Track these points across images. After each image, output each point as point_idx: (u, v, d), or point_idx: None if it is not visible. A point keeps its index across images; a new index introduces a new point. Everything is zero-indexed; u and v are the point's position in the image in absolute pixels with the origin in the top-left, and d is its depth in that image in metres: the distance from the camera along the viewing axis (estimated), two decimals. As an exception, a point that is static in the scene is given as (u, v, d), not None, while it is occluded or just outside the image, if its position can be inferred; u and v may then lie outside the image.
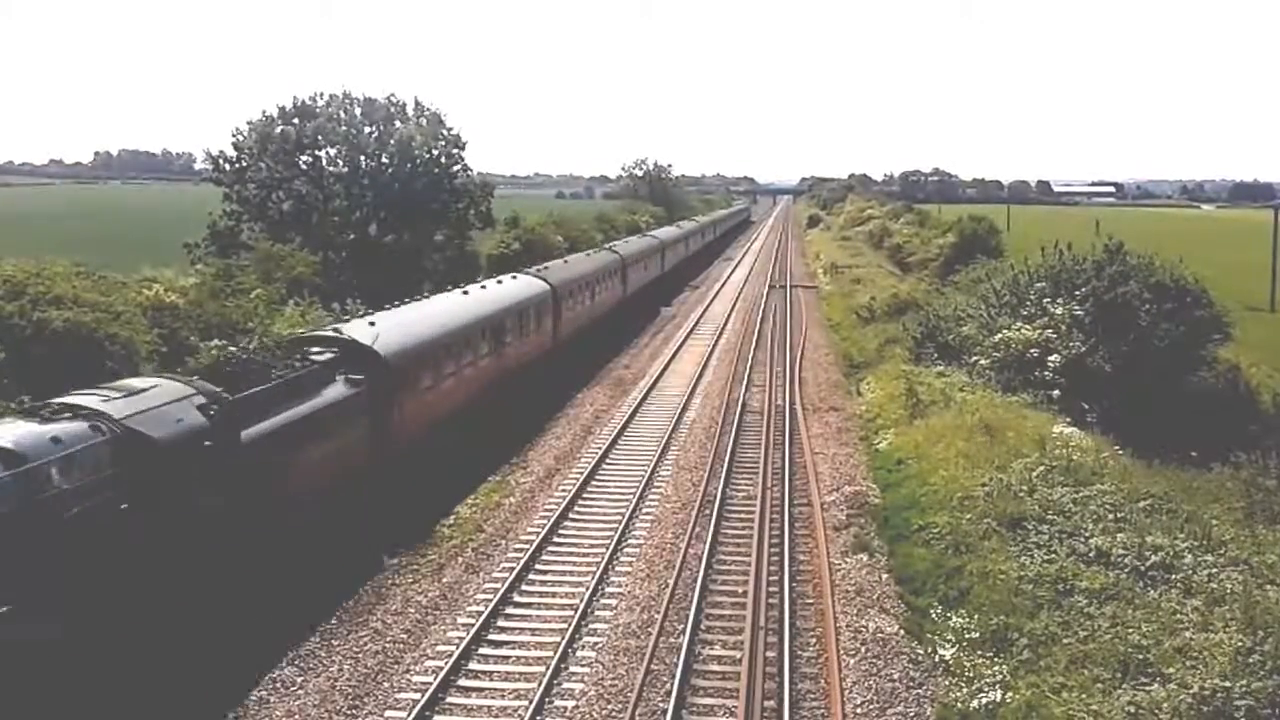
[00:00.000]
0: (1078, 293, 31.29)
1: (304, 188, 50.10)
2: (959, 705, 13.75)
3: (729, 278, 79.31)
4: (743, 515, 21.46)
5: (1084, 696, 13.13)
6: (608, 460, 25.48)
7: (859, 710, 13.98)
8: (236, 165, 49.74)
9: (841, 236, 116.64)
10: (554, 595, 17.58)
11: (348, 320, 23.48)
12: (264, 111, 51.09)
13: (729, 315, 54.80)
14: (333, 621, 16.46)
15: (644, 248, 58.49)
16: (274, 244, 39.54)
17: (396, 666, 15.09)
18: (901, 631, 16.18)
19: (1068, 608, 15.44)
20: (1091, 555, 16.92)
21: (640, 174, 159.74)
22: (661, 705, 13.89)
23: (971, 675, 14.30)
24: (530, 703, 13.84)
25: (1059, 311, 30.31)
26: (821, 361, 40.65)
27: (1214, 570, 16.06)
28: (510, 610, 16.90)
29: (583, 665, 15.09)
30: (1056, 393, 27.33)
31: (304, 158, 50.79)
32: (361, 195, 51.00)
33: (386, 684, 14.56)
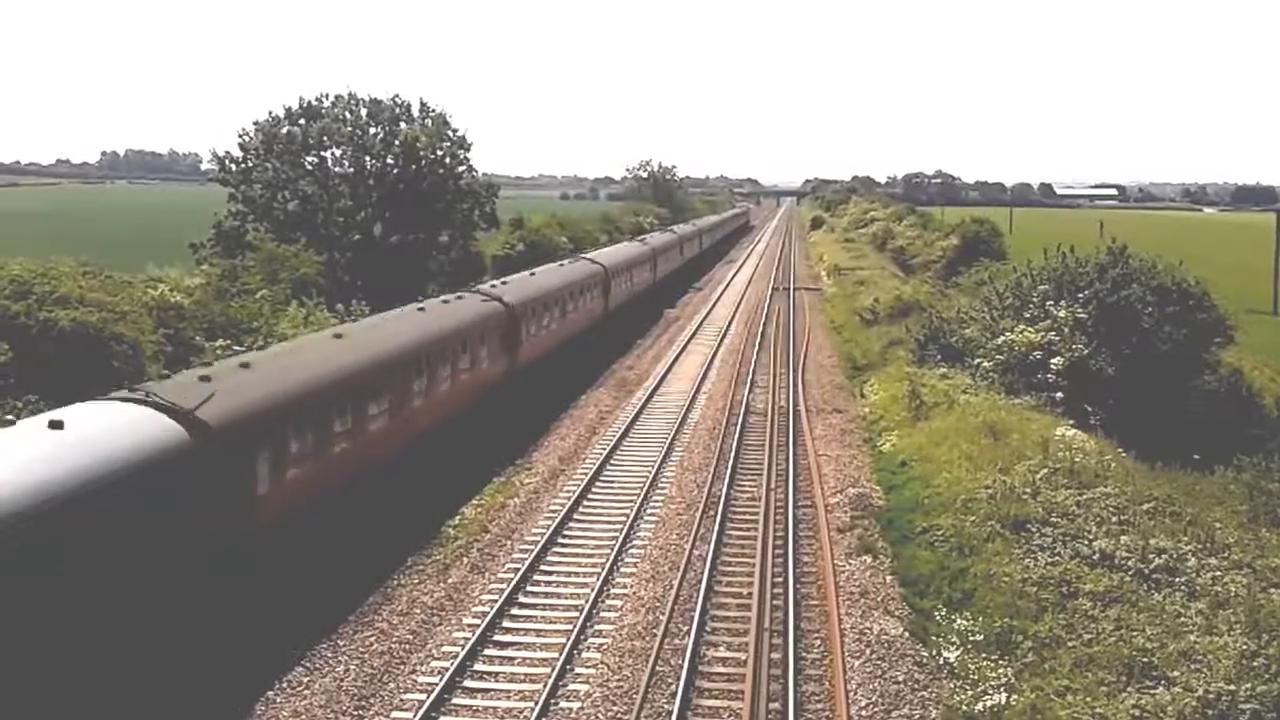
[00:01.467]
0: (1080, 295, 31.33)
1: (309, 188, 50.32)
2: (964, 708, 13.77)
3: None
4: (747, 517, 21.49)
5: (1089, 699, 13.17)
6: (612, 461, 25.51)
7: (864, 712, 14.01)
8: (242, 165, 49.98)
9: (845, 238, 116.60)
10: (559, 596, 17.62)
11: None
12: (270, 112, 51.40)
13: (732, 318, 54.80)
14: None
15: (564, 283, 35.89)
16: (279, 244, 39.67)
17: (402, 667, 15.12)
18: (906, 634, 16.21)
19: (1072, 610, 15.49)
20: (1095, 558, 16.98)
21: (644, 175, 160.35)
22: (667, 707, 13.92)
23: (976, 678, 14.32)
24: (536, 704, 13.86)
25: (1062, 314, 30.34)
26: (825, 363, 40.67)
27: (1218, 573, 16.13)
28: (515, 611, 16.94)
29: (588, 667, 15.12)
30: (1059, 395, 27.37)
31: (310, 158, 51.03)
32: (367, 196, 51.20)
33: (392, 684, 14.60)
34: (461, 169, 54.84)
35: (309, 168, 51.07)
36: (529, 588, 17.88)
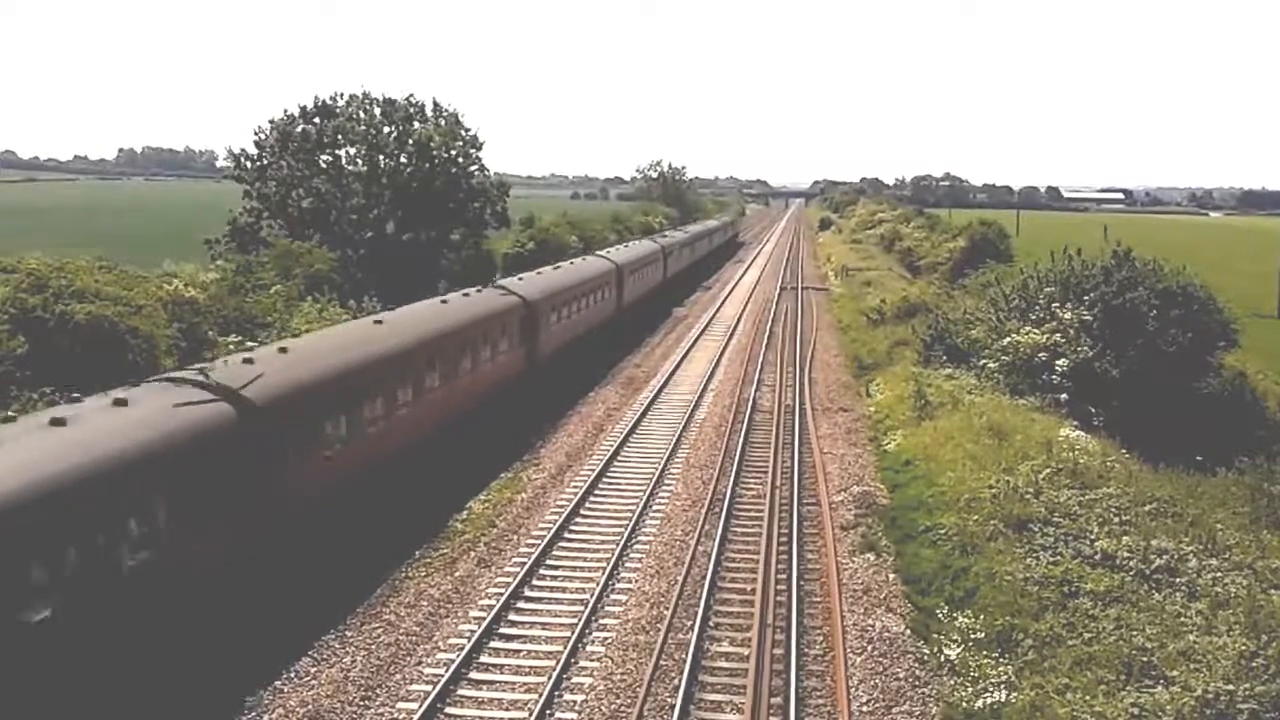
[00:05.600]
0: (1086, 298, 31.42)
1: (323, 186, 50.67)
2: (964, 705, 13.91)
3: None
4: (752, 514, 21.66)
5: (1088, 698, 13.27)
6: (619, 458, 25.69)
7: (865, 708, 14.16)
8: (258, 163, 50.37)
9: (853, 239, 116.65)
10: (565, 590, 17.81)
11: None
12: (285, 110, 51.81)
13: (739, 316, 54.93)
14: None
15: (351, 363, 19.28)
16: (293, 241, 39.98)
17: (409, 658, 15.31)
18: (908, 631, 16.35)
19: (1073, 609, 15.59)
20: (1097, 558, 17.08)
21: (654, 175, 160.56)
22: (670, 700, 14.10)
23: (977, 675, 14.46)
24: (540, 696, 14.06)
25: (1067, 316, 30.44)
26: (831, 363, 40.80)
27: (1218, 574, 16.20)
28: (521, 604, 17.14)
29: (592, 660, 15.31)
30: (1064, 396, 27.48)
31: (324, 156, 51.42)
32: (380, 194, 51.51)
33: (399, 675, 14.79)
34: (473, 168, 55.19)
35: (323, 166, 51.41)
36: (535, 581, 18.08)
